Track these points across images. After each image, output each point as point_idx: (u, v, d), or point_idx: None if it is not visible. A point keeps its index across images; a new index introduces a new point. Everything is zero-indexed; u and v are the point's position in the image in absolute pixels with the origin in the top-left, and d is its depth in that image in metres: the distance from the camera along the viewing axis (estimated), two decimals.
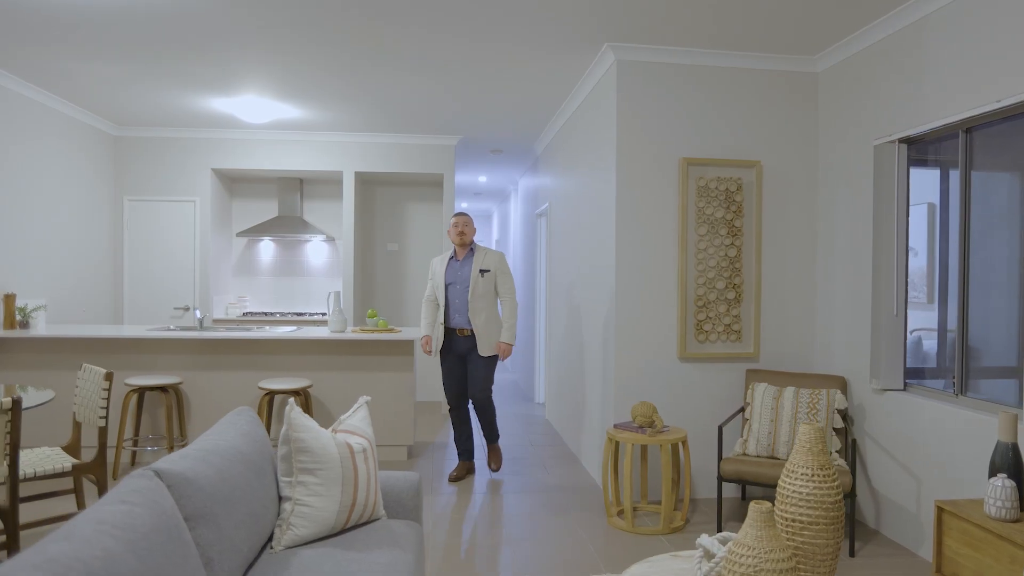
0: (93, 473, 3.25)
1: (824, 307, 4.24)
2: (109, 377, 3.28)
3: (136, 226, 6.50)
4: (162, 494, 1.67)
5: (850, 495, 3.34)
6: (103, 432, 3.27)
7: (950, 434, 3.21)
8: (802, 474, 1.85)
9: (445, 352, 4.59)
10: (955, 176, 3.44)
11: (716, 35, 3.91)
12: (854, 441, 3.40)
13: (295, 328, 5.30)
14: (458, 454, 4.72)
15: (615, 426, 3.87)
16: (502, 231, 11.32)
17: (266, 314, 6.84)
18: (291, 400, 2.28)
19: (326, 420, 4.98)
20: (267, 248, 7.27)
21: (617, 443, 3.88)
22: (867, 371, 3.84)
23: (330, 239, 7.14)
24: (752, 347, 4.24)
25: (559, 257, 5.99)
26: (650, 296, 4.19)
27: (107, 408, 3.27)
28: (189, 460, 1.90)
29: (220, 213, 6.79)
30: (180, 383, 4.68)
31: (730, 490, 4.32)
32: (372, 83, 4.95)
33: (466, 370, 4.59)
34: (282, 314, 6.90)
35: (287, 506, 2.25)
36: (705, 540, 2.06)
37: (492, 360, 4.52)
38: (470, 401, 4.60)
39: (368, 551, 2.18)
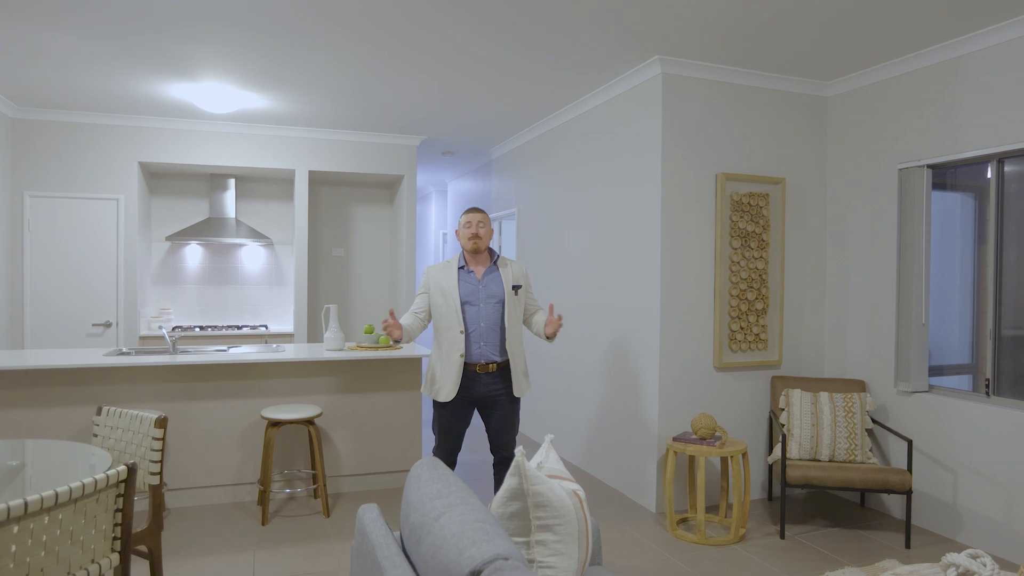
0: (146, 543, 2.65)
1: (835, 316, 4.55)
2: (162, 423, 2.69)
3: (41, 227, 5.41)
4: None
5: (908, 493, 3.61)
6: (157, 493, 2.68)
7: (982, 430, 3.60)
8: None
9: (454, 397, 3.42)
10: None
11: (747, 54, 4.02)
12: (911, 442, 3.68)
13: (276, 347, 4.71)
14: None
15: (675, 439, 3.87)
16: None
17: (201, 328, 6.02)
18: (520, 448, 2.01)
19: (331, 451, 4.48)
20: (193, 253, 6.39)
21: (674, 454, 3.88)
22: (887, 374, 4.18)
23: (268, 243, 6.44)
24: (777, 355, 4.45)
25: (537, 263, 5.88)
26: (690, 309, 4.24)
27: (161, 463, 2.68)
28: (499, 538, 1.60)
29: (142, 213, 5.86)
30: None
31: (755, 492, 4.50)
32: (358, 72, 4.44)
33: (469, 421, 3.50)
34: (215, 327, 6.11)
35: None
36: (957, 558, 2.11)
37: (519, 406, 3.55)
38: (495, 462, 3.57)
39: None
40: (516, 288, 3.48)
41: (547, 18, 3.51)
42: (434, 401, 3.48)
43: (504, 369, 3.44)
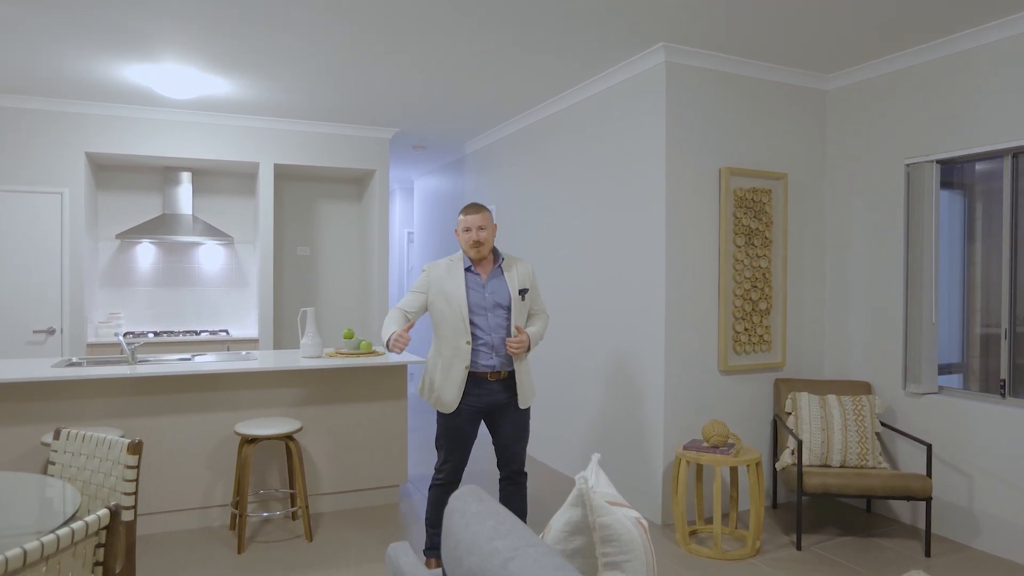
0: None
1: (837, 316, 4.43)
2: (137, 449, 2.32)
3: None
4: None
5: (928, 499, 3.49)
6: (131, 531, 2.29)
7: (999, 432, 3.51)
8: None
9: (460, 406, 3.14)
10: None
11: (751, 44, 3.85)
12: (930, 447, 3.55)
13: (244, 354, 4.32)
14: (429, 548, 3.21)
15: (686, 447, 3.66)
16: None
17: (156, 334, 5.52)
18: (581, 474, 1.74)
19: (310, 467, 4.11)
20: (145, 253, 5.87)
21: (685, 464, 3.67)
22: (893, 376, 4.07)
23: (228, 242, 5.98)
24: (780, 357, 4.30)
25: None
26: (695, 309, 4.04)
27: (136, 494, 2.30)
28: None
29: (88, 209, 5.33)
30: (123, 437, 3.53)
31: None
32: (333, 55, 4.08)
33: (478, 432, 3.29)
34: (171, 333, 5.62)
35: None
36: None
37: (529, 414, 3.27)
38: (504, 476, 3.27)
39: None
40: (523, 292, 3.19)
41: (542, 1, 3.25)
42: (439, 412, 3.17)
43: (512, 378, 3.16)
